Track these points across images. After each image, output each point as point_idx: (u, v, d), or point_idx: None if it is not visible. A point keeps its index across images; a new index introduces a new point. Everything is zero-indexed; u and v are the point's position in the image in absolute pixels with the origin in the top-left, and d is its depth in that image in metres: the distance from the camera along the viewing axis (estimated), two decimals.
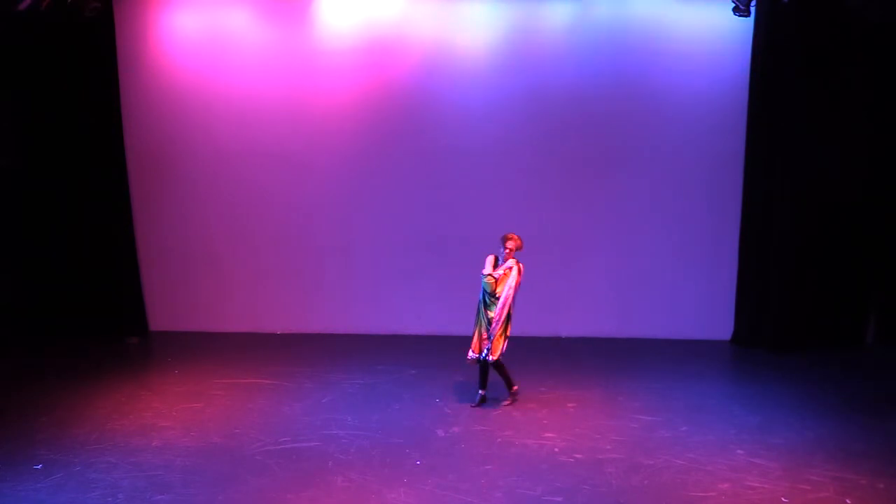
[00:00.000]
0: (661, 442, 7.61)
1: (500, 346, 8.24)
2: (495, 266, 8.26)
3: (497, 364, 8.30)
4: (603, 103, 10.51)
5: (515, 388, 8.57)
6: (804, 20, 9.87)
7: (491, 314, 8.19)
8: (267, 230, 10.92)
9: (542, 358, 10.07)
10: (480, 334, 8.26)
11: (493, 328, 8.16)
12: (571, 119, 10.58)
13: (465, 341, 10.69)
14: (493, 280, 8.18)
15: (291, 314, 11.03)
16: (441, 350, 10.29)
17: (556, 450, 7.41)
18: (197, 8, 10.55)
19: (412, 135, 10.68)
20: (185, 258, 10.96)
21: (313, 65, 10.61)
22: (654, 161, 10.63)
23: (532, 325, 10.84)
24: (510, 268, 8.18)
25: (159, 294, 11.01)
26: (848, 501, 6.51)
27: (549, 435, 7.74)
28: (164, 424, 7.91)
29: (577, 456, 7.29)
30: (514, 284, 8.16)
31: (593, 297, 10.92)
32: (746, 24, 10.14)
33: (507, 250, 8.20)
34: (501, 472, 6.97)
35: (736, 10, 9.59)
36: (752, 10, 9.74)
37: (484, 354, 8.21)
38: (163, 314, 11.01)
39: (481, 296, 8.29)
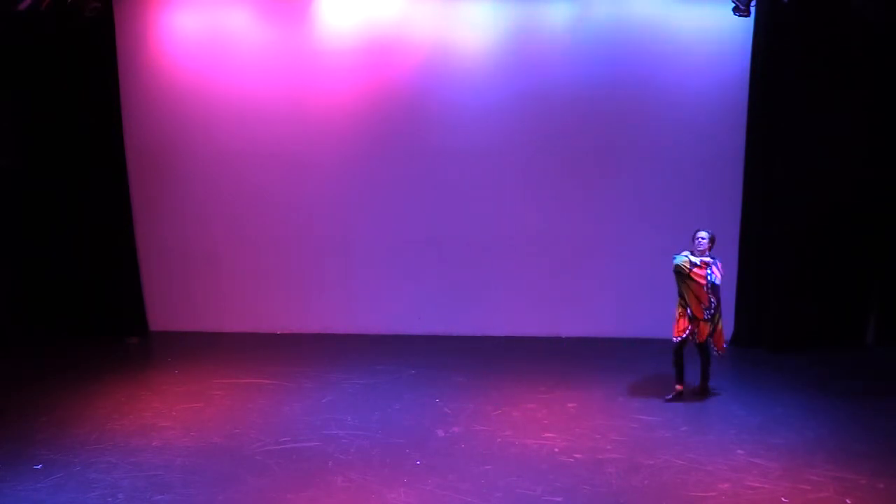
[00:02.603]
0: (661, 442, 7.61)
1: (720, 337, 8.61)
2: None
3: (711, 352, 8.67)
4: (603, 103, 10.51)
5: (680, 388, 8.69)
6: (804, 20, 9.87)
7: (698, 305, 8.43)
8: (267, 230, 10.91)
9: (542, 358, 10.06)
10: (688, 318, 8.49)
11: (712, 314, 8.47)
12: (571, 119, 10.57)
13: (465, 341, 10.76)
14: (688, 264, 8.34)
15: (291, 314, 11.02)
16: (441, 350, 10.30)
17: (556, 450, 7.41)
18: (197, 8, 10.54)
19: (412, 135, 10.68)
20: (185, 258, 10.96)
21: (313, 65, 10.60)
22: (654, 161, 10.63)
23: (532, 325, 10.87)
24: (707, 260, 8.37)
25: (159, 294, 11.01)
26: (848, 501, 6.51)
27: (549, 435, 7.73)
28: (164, 424, 7.91)
29: (577, 456, 7.29)
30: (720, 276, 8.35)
31: (593, 297, 10.91)
32: (746, 24, 10.12)
33: (702, 241, 8.36)
34: (501, 472, 6.97)
35: (736, 10, 9.58)
36: (752, 10, 9.74)
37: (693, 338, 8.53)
38: (163, 314, 11.00)
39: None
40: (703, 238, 8.43)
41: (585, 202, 10.74)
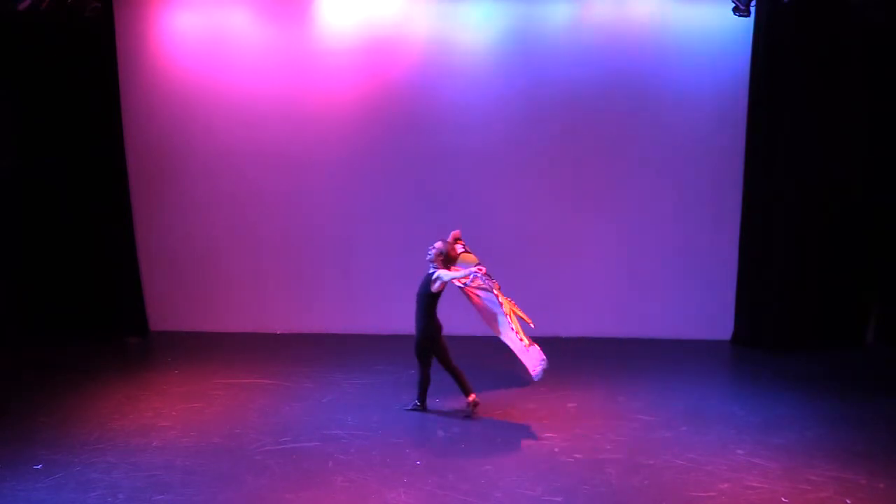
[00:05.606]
0: (661, 442, 7.60)
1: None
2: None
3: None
4: (603, 103, 10.52)
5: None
6: (804, 20, 9.88)
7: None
8: (267, 230, 10.92)
9: None
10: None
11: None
12: (571, 119, 10.58)
13: (465, 341, 10.70)
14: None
15: (291, 314, 11.02)
16: None
17: (556, 450, 7.41)
18: (197, 8, 10.55)
19: (412, 134, 10.69)
20: (185, 258, 10.96)
21: (313, 65, 10.61)
22: (654, 161, 10.64)
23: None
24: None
25: (159, 294, 11.00)
26: (848, 501, 6.50)
27: (549, 435, 7.73)
28: (164, 424, 7.91)
29: (577, 456, 7.29)
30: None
31: (593, 297, 10.91)
32: (746, 24, 10.14)
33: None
34: (501, 472, 6.96)
35: (736, 10, 9.59)
36: (752, 10, 9.75)
37: None
38: (163, 314, 11.00)
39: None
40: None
41: (585, 202, 10.75)
